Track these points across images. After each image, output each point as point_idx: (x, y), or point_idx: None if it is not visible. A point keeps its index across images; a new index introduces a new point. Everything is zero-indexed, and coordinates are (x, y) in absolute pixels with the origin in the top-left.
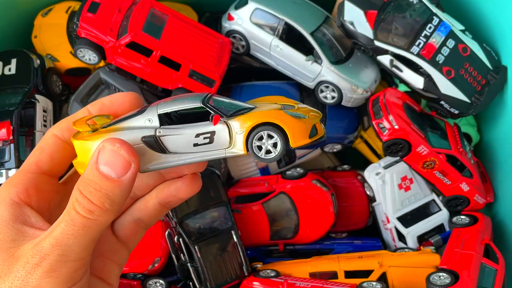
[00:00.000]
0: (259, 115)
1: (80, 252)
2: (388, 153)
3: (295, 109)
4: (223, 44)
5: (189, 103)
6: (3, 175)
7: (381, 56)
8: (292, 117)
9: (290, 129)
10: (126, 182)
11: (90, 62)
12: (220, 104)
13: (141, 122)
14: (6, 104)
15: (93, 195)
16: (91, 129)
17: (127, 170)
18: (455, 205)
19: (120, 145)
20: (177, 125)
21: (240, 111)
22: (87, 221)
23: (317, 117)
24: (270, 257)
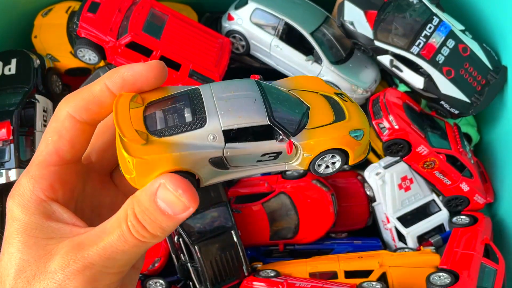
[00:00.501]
0: (329, 142)
1: (125, 265)
2: (388, 153)
3: (346, 117)
4: (223, 44)
5: (256, 119)
6: (3, 175)
7: (381, 56)
8: (355, 140)
9: (353, 153)
10: (181, 218)
11: (90, 62)
12: (277, 104)
13: (204, 137)
14: (6, 104)
15: (147, 224)
16: (143, 139)
17: (185, 211)
18: (455, 205)
19: (183, 191)
20: (243, 143)
21: (301, 122)
22: (139, 242)
23: (362, 116)
24: (270, 257)
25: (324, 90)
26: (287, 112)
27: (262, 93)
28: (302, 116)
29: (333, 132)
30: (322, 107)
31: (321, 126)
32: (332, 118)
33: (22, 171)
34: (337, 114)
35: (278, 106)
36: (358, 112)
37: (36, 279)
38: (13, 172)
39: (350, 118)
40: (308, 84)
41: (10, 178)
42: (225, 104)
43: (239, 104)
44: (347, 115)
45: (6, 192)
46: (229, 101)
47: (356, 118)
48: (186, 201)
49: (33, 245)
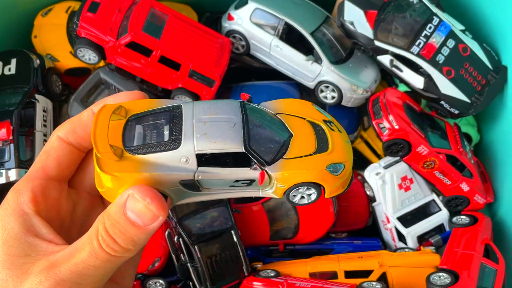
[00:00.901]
0: (303, 175)
1: (97, 282)
2: (388, 153)
3: (329, 149)
4: (223, 44)
5: (231, 146)
6: (3, 175)
7: (381, 56)
8: (333, 175)
9: (329, 187)
10: (151, 229)
11: (90, 61)
12: (257, 130)
13: (176, 159)
14: (6, 104)
15: (118, 237)
16: (116, 156)
17: (155, 221)
18: (455, 205)
19: (151, 200)
20: (216, 168)
21: (279, 152)
22: (110, 257)
23: (350, 154)
24: (270, 257)
25: (313, 117)
26: (266, 140)
27: (244, 118)
28: (281, 145)
29: (309, 165)
30: (306, 135)
31: (299, 157)
32: (313, 148)
33: (22, 171)
34: (320, 144)
35: (257, 133)
36: (343, 143)
37: None
38: (13, 172)
39: (332, 149)
40: (297, 109)
41: (10, 178)
42: (203, 126)
43: (217, 128)
44: (330, 146)
45: (6, 192)
46: (207, 124)
47: (339, 150)
48: (154, 209)
49: (10, 264)
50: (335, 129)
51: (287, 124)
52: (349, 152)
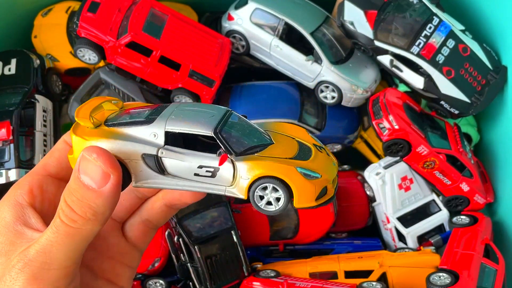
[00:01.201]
0: (268, 166)
1: (64, 260)
2: (388, 153)
3: (310, 158)
4: (223, 44)
5: (201, 128)
6: (3, 175)
7: (381, 56)
8: (303, 177)
9: (297, 190)
10: (107, 193)
11: (90, 61)
12: (235, 130)
13: (146, 134)
14: (6, 104)
15: (75, 204)
16: (94, 125)
17: (107, 182)
18: (455, 205)
19: (97, 155)
20: (182, 149)
21: (253, 149)
22: (70, 229)
23: (332, 171)
24: (270, 257)
25: (304, 139)
26: (241, 137)
27: (225, 116)
28: (255, 145)
29: (279, 162)
30: (288, 146)
31: (272, 157)
32: (292, 155)
33: (22, 171)
34: (300, 154)
35: (234, 128)
36: (327, 162)
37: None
38: (13, 172)
39: (313, 161)
40: (289, 130)
41: (10, 178)
42: (181, 113)
43: (194, 114)
44: (312, 159)
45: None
46: (186, 112)
47: (319, 164)
48: (102, 165)
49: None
50: (323, 152)
51: (272, 137)
52: (332, 171)
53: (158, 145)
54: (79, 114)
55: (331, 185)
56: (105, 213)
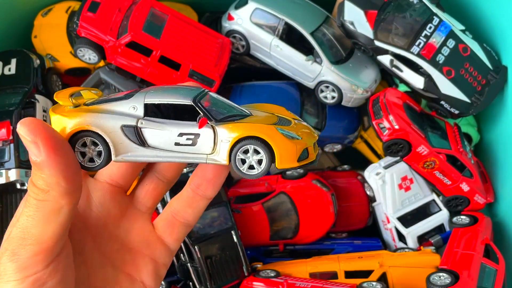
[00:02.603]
0: (248, 127)
1: (39, 235)
2: (388, 153)
3: (291, 126)
4: (223, 44)
5: (180, 98)
6: (3, 175)
7: (381, 56)
8: (283, 136)
9: (278, 149)
10: (44, 161)
11: (90, 61)
12: (214, 105)
13: (126, 108)
14: (6, 104)
15: (33, 177)
16: (73, 104)
17: (39, 149)
18: (455, 205)
19: (21, 125)
20: (161, 119)
21: (232, 117)
22: (38, 202)
23: (312, 138)
24: (270, 257)
25: (284, 115)
26: (220, 108)
27: (203, 93)
28: (235, 114)
29: (260, 123)
30: (268, 118)
31: (253, 122)
32: (271, 122)
33: (22, 171)
34: (280, 122)
35: (212, 103)
36: (306, 129)
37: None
38: (13, 172)
39: (292, 127)
40: (270, 109)
41: (10, 178)
42: (160, 89)
43: (173, 90)
44: (292, 126)
45: (6, 192)
46: (165, 88)
47: (299, 130)
48: (25, 134)
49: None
50: (303, 123)
51: (252, 113)
52: (311, 137)
53: (137, 116)
54: (59, 95)
55: (312, 148)
56: (59, 182)
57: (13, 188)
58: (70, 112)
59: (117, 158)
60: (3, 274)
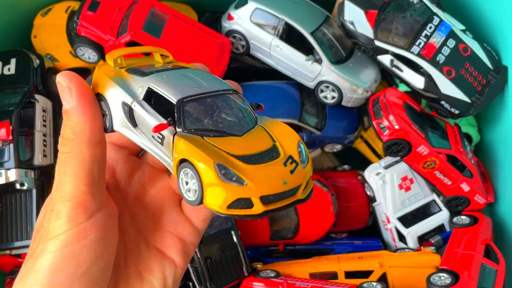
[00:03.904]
0: (187, 151)
1: (73, 191)
2: (388, 153)
3: (262, 165)
4: (223, 44)
5: (171, 93)
6: (3, 175)
7: (381, 56)
8: (216, 175)
9: (205, 186)
10: (75, 107)
11: (89, 60)
12: (206, 110)
13: (136, 85)
14: (5, 104)
15: (62, 132)
16: (114, 65)
17: (71, 95)
18: (456, 205)
19: (60, 74)
20: (149, 107)
21: (205, 131)
22: (65, 156)
23: (272, 188)
24: (270, 257)
25: (287, 147)
26: (204, 117)
27: (212, 94)
28: (212, 129)
29: (205, 151)
30: (254, 145)
31: (210, 146)
32: (242, 153)
33: (21, 171)
34: (257, 157)
35: (204, 109)
36: (278, 180)
37: None
38: (13, 172)
39: (259, 168)
40: (280, 134)
41: (9, 178)
42: (178, 75)
43: (184, 80)
44: (263, 166)
45: (5, 192)
46: (185, 76)
47: (264, 176)
48: (63, 80)
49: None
50: (293, 167)
51: (253, 131)
52: (275, 184)
53: (137, 98)
54: (111, 53)
55: (259, 203)
56: (84, 130)
57: (12, 188)
58: (106, 72)
59: (117, 129)
60: (49, 231)
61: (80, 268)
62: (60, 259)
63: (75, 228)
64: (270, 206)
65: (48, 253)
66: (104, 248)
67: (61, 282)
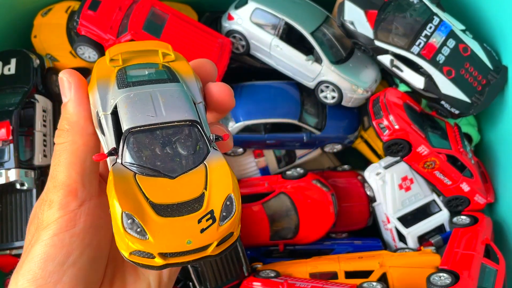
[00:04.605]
0: (109, 189)
1: (65, 179)
2: (388, 153)
3: (174, 219)
4: (223, 44)
5: (125, 120)
6: (3, 175)
7: (381, 56)
8: (121, 224)
9: (114, 230)
10: (72, 99)
11: (89, 59)
12: (152, 142)
13: (111, 95)
14: (5, 104)
15: (59, 124)
16: (111, 64)
17: (70, 88)
18: (456, 205)
19: (62, 71)
20: (110, 127)
21: (140, 168)
22: (60, 146)
23: (176, 246)
24: (270, 257)
25: (217, 198)
26: (144, 153)
27: (164, 126)
28: (149, 167)
29: (123, 194)
30: (185, 192)
31: (134, 189)
32: (164, 200)
33: (21, 171)
34: (180, 207)
35: (150, 141)
36: (183, 236)
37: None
38: (13, 172)
39: (168, 223)
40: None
41: (9, 178)
42: (145, 98)
43: (145, 106)
44: (174, 220)
45: (5, 192)
46: (149, 99)
47: (170, 231)
48: (64, 76)
49: None
50: (213, 224)
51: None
52: (179, 246)
53: (106, 110)
54: (111, 49)
55: (159, 257)
56: (79, 121)
57: (12, 188)
58: (101, 69)
59: (96, 129)
60: (42, 221)
61: (70, 257)
62: (51, 247)
63: (65, 216)
64: (172, 260)
65: (41, 242)
66: (93, 237)
67: (52, 271)
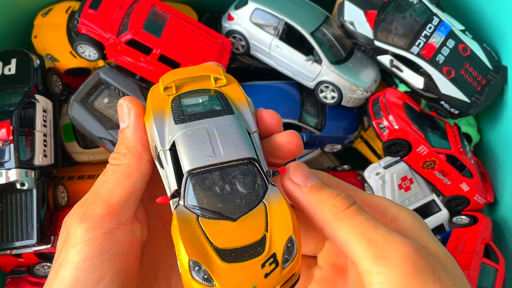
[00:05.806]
0: (174, 235)
1: (107, 195)
2: (388, 153)
3: (240, 264)
4: (223, 44)
5: (185, 161)
6: (3, 175)
7: (381, 56)
8: (188, 272)
9: (182, 276)
10: (131, 125)
11: (90, 58)
12: (215, 183)
13: (168, 129)
14: (6, 104)
15: (117, 147)
16: (166, 92)
17: (129, 115)
18: (455, 205)
19: (123, 99)
20: (170, 164)
21: (204, 210)
22: (113, 167)
23: None
24: None
25: (277, 242)
26: (209, 194)
27: (226, 165)
28: (214, 211)
29: (189, 241)
30: (246, 235)
31: (200, 236)
32: (228, 245)
33: (21, 171)
34: (243, 251)
35: (211, 183)
36: (248, 283)
37: None
38: (13, 172)
39: (234, 271)
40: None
41: (9, 178)
42: (202, 135)
43: (203, 144)
44: (240, 266)
45: (6, 192)
46: (206, 137)
47: (235, 278)
48: (124, 103)
49: None
50: (276, 270)
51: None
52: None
53: (164, 146)
54: (164, 77)
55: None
56: (136, 146)
57: (13, 188)
58: (155, 98)
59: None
60: (72, 236)
61: (101, 283)
62: (82, 271)
63: (100, 238)
64: None
65: (71, 264)
66: (124, 264)
67: None
